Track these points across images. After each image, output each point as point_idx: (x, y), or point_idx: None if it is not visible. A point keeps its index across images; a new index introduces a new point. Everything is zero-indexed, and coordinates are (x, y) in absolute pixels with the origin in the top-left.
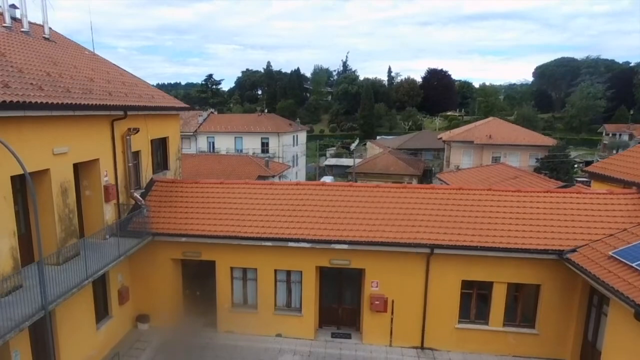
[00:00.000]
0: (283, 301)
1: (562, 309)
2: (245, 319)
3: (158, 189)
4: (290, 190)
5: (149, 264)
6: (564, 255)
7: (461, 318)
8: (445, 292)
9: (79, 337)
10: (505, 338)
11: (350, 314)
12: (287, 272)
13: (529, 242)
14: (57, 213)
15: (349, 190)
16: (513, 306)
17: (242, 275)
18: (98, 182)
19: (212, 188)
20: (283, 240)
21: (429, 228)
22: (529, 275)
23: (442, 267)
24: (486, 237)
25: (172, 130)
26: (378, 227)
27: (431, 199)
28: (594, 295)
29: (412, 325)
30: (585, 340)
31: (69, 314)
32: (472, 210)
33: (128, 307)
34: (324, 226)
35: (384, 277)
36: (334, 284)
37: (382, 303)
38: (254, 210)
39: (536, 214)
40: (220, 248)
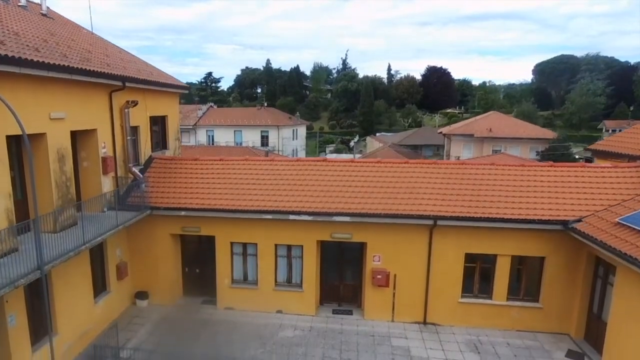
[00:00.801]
0: (284, 277)
1: (567, 281)
2: (246, 295)
3: (157, 166)
4: (291, 165)
5: (148, 239)
6: (570, 225)
7: (464, 292)
8: (448, 265)
9: (77, 309)
10: (508, 312)
11: (351, 291)
12: (288, 247)
13: (533, 213)
14: (54, 179)
15: (350, 166)
16: (517, 280)
17: (242, 251)
18: (96, 154)
19: (212, 164)
20: (284, 213)
21: (431, 200)
22: (533, 248)
23: (445, 240)
24: (490, 209)
25: (171, 109)
26: (380, 200)
27: (434, 173)
28: (599, 266)
29: (414, 300)
30: (590, 313)
31: (66, 285)
32: (475, 183)
33: (127, 283)
34: (325, 199)
35: (386, 251)
36: (335, 259)
37: (384, 277)
38: (254, 185)
39: (540, 186)
40: (220, 222)
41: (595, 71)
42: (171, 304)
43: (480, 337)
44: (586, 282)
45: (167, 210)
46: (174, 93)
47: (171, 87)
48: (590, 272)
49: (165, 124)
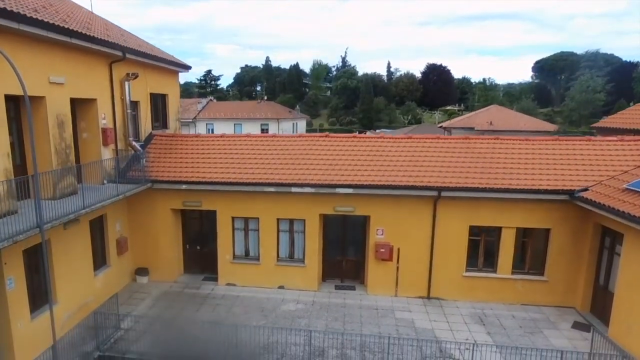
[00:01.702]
0: (286, 252)
1: (573, 254)
2: (247, 271)
3: (157, 142)
4: (293, 141)
5: (148, 214)
6: (576, 194)
7: (469, 266)
8: (452, 239)
9: (77, 280)
10: (513, 286)
11: (354, 266)
12: (290, 222)
13: (538, 183)
14: (54, 145)
15: (353, 141)
16: (522, 253)
17: (243, 226)
18: (96, 125)
19: (213, 141)
20: (286, 185)
21: (435, 172)
22: (539, 219)
23: (450, 212)
24: (495, 179)
25: (171, 88)
26: (384, 173)
27: (437, 147)
28: (605, 237)
29: (418, 274)
30: (596, 285)
31: (66, 254)
32: (479, 156)
33: (127, 259)
34: (328, 172)
35: (389, 225)
36: (337, 235)
37: (388, 251)
38: (256, 159)
39: (545, 158)
40: (221, 196)
41: (595, 68)
42: (172, 281)
43: (485, 310)
44: (592, 253)
45: (168, 183)
46: (174, 72)
47: (171, 63)
48: (597, 243)
49: (165, 102)
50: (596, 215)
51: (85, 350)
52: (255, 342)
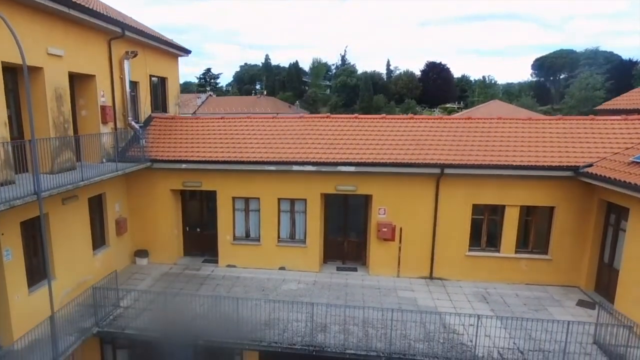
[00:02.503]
0: (286, 233)
1: (577, 232)
2: (248, 252)
3: (157, 124)
4: (294, 122)
5: (148, 195)
6: (580, 170)
7: (472, 246)
8: (455, 218)
9: (75, 258)
10: (517, 265)
11: (356, 248)
12: (291, 202)
13: (542, 159)
14: (52, 118)
15: (355, 121)
16: (525, 232)
17: (244, 207)
18: (94, 102)
19: (213, 123)
20: (287, 163)
21: (438, 150)
22: (543, 197)
23: (453, 190)
24: (499, 156)
25: (170, 72)
26: (386, 151)
27: (440, 127)
28: (610, 214)
29: (420, 254)
30: (601, 263)
31: (64, 230)
32: (483, 135)
33: (126, 240)
34: (330, 150)
35: (391, 204)
36: (339, 216)
37: (390, 230)
38: (257, 139)
39: (549, 136)
40: (221, 176)
41: (595, 66)
42: (171, 263)
43: (489, 289)
44: (597, 231)
45: (168, 162)
46: (174, 56)
47: (170, 46)
48: (601, 220)
49: (165, 86)
50: (601, 191)
51: (84, 326)
52: (256, 319)
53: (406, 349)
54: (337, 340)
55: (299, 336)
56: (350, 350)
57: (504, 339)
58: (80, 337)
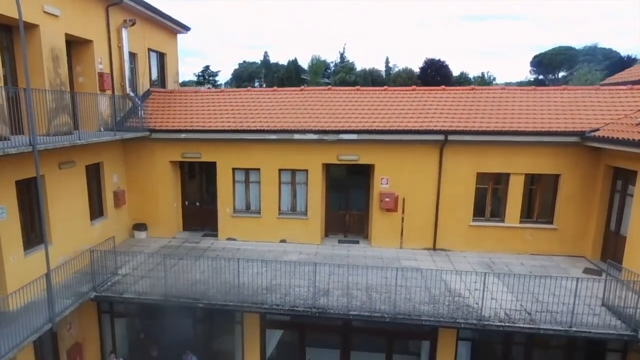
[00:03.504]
0: (287, 205)
1: (583, 200)
2: (248, 224)
3: (155, 97)
4: (295, 94)
5: (146, 167)
6: (587, 134)
7: (476, 216)
8: (459, 187)
9: (72, 225)
10: (522, 235)
11: (358, 221)
12: (292, 173)
13: (548, 125)
14: (48, 78)
15: (356, 93)
16: (530, 201)
17: (244, 178)
18: (92, 69)
19: (213, 95)
20: (288, 132)
21: (442, 117)
22: (548, 165)
23: (456, 158)
24: (503, 123)
25: (169, 49)
26: (388, 119)
27: (443, 97)
28: (617, 180)
29: (424, 224)
30: (607, 231)
31: (61, 194)
32: (487, 103)
33: (124, 213)
34: (332, 119)
35: (394, 173)
36: (340, 189)
37: (393, 201)
38: (258, 110)
39: (554, 104)
40: (221, 147)
41: (594, 62)
42: (170, 237)
43: (493, 259)
44: (603, 198)
45: (166, 132)
46: (173, 33)
47: (169, 19)
48: (608, 187)
49: (164, 62)
50: (607, 156)
51: (81, 291)
52: (257, 284)
53: (411, 311)
54: (340, 303)
55: (301, 299)
56: (354, 311)
57: (510, 302)
58: (77, 300)
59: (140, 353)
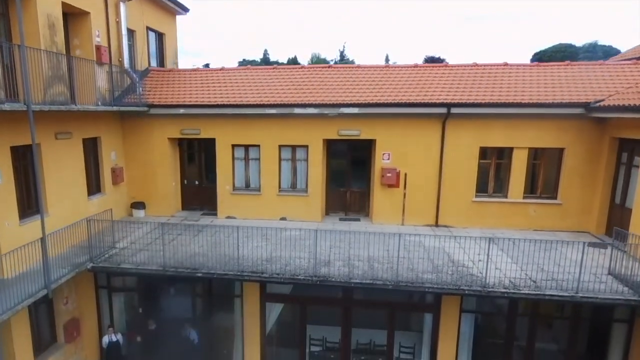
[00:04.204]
0: (288, 182)
1: (587, 174)
2: (248, 202)
3: (154, 76)
4: (295, 71)
5: (145, 144)
6: (592, 105)
7: (478, 192)
8: (461, 162)
9: (69, 197)
10: (525, 211)
11: (359, 198)
12: (292, 149)
13: (552, 97)
14: (44, 45)
15: (357, 70)
16: (534, 176)
17: (244, 155)
18: (89, 41)
19: (213, 73)
20: (289, 106)
21: (445, 90)
22: (552, 139)
23: (459, 132)
24: (507, 95)
25: (168, 29)
26: (390, 93)
27: (446, 73)
28: (622, 152)
29: (426, 200)
30: (612, 204)
31: (57, 165)
32: (489, 78)
33: (123, 191)
34: (332, 94)
35: (396, 148)
36: (341, 166)
37: (394, 176)
38: (257, 86)
39: (558, 78)
40: (220, 123)
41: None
42: (169, 215)
43: (496, 234)
44: (608, 171)
45: (165, 108)
46: (172, 12)
47: None
48: (613, 159)
49: (162, 42)
50: (613, 127)
51: (77, 262)
52: (257, 256)
53: (414, 279)
54: (341, 273)
55: (302, 269)
56: (355, 279)
57: (515, 271)
58: (73, 269)
59: (138, 328)
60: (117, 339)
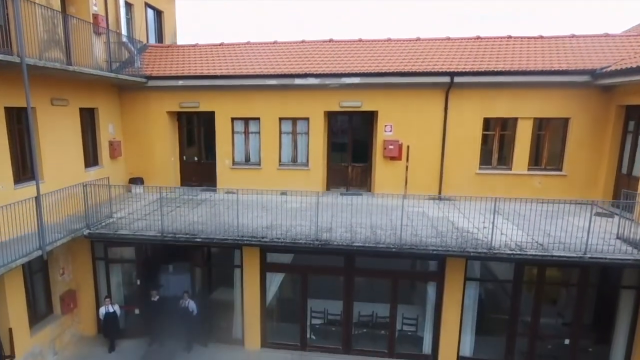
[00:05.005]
0: (288, 156)
1: (593, 144)
2: (248, 176)
3: (152, 51)
4: (296, 45)
5: (143, 118)
6: (598, 72)
7: (482, 164)
8: (465, 133)
9: (65, 166)
10: (530, 183)
11: (360, 173)
12: (293, 122)
13: (558, 64)
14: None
15: (359, 43)
16: (538, 147)
17: (243, 129)
18: (86, 10)
19: (212, 49)
20: (289, 76)
21: (448, 60)
22: (557, 108)
23: (463, 103)
24: (511, 64)
25: (167, 7)
26: (393, 63)
27: (449, 45)
28: (629, 121)
29: (428, 173)
30: (619, 174)
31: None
32: (493, 49)
33: (120, 166)
34: (334, 65)
35: (398, 120)
36: (343, 141)
37: (397, 148)
38: (258, 59)
39: (563, 50)
40: (220, 95)
41: None
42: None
43: (501, 206)
44: (615, 141)
45: (164, 79)
46: None
47: None
48: (619, 128)
49: (161, 20)
50: (619, 95)
51: (74, 227)
52: (257, 224)
53: (418, 242)
54: (343, 238)
55: (303, 235)
56: (358, 243)
57: (521, 236)
58: (69, 234)
59: (135, 300)
60: (114, 310)
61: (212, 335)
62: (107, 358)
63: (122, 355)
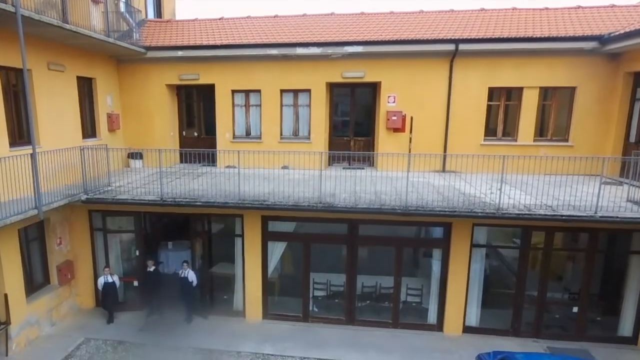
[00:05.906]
0: (290, 130)
1: (600, 113)
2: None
3: (151, 25)
4: (298, 18)
5: (142, 91)
6: (605, 37)
7: (487, 136)
8: (469, 103)
9: (61, 132)
10: (536, 154)
11: (363, 148)
12: (294, 94)
13: (564, 31)
14: None
15: (361, 16)
16: (544, 118)
17: (244, 102)
18: None
19: (212, 23)
20: (290, 45)
21: (452, 30)
22: (563, 77)
23: (467, 72)
24: (517, 30)
25: None
26: (396, 32)
27: (452, 16)
28: (637, 88)
29: (432, 145)
30: (627, 144)
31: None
32: (497, 19)
33: (119, 139)
34: (335, 34)
35: (401, 90)
36: (345, 115)
37: (400, 119)
38: (259, 30)
39: (569, 20)
40: (220, 67)
41: None
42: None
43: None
44: (622, 109)
45: (163, 50)
46: None
47: None
48: (627, 96)
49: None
50: (627, 61)
51: (71, 192)
52: (258, 192)
53: (424, 205)
54: (347, 202)
55: (306, 200)
56: (362, 205)
57: (529, 200)
58: (66, 197)
59: (134, 272)
60: (113, 280)
61: (212, 307)
62: (106, 329)
63: (120, 327)
